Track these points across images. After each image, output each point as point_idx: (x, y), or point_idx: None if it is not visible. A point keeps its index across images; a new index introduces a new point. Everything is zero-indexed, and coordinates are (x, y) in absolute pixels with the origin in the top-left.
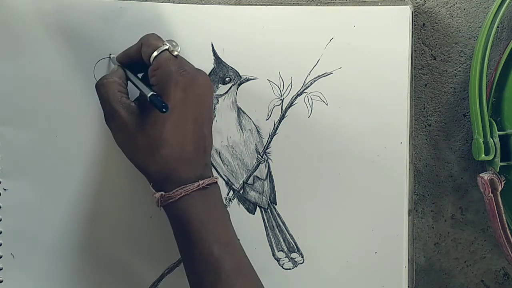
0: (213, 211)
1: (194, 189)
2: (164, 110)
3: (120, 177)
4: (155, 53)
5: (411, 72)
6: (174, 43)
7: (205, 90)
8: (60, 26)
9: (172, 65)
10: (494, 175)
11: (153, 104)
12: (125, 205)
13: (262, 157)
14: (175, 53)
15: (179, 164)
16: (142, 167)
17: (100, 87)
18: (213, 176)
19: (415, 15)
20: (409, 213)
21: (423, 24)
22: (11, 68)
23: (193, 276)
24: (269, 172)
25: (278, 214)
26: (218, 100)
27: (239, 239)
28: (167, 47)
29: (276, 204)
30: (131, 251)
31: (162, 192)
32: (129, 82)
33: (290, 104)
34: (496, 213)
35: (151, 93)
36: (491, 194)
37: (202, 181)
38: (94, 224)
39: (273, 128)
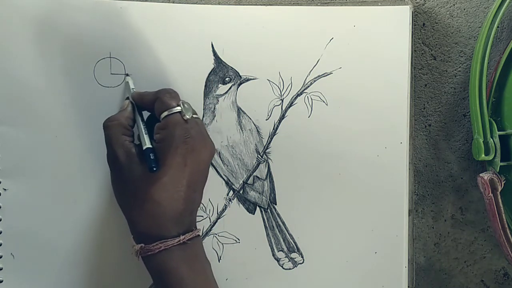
0: (193, 264)
1: (175, 244)
2: (153, 169)
3: None
4: (165, 113)
5: (411, 72)
6: (186, 106)
7: (206, 157)
8: (60, 26)
9: (179, 129)
10: (494, 175)
11: (145, 158)
12: None
13: (262, 157)
14: (186, 117)
15: (163, 222)
16: (128, 215)
17: (106, 129)
18: (196, 229)
19: (415, 15)
20: (409, 213)
21: (423, 24)
22: (12, 68)
23: None
24: (269, 172)
25: (278, 214)
26: (218, 100)
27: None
28: (179, 109)
29: (276, 204)
30: (131, 251)
31: (142, 245)
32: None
33: (290, 104)
34: (496, 213)
35: (147, 146)
36: (491, 194)
37: (183, 236)
38: (94, 224)
39: (273, 128)
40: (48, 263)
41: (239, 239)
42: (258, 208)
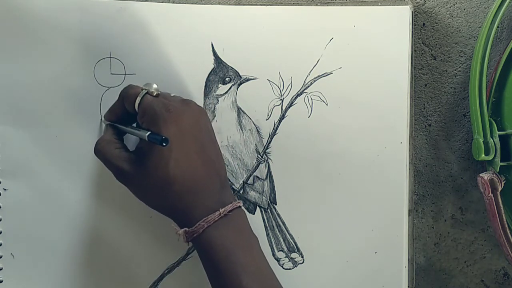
0: (240, 239)
1: (216, 218)
2: (164, 143)
3: None
4: (137, 101)
5: (411, 72)
6: (150, 84)
7: (196, 116)
8: (60, 26)
9: (156, 105)
10: (494, 175)
11: (153, 142)
12: (125, 205)
13: (262, 157)
14: (155, 93)
15: (193, 196)
16: (161, 209)
17: (97, 153)
18: (235, 200)
19: (415, 15)
20: (409, 213)
21: (423, 24)
22: (11, 68)
23: None
24: (269, 172)
25: (278, 214)
26: (218, 100)
27: (267, 262)
28: (145, 90)
29: (276, 204)
30: (131, 251)
31: (186, 228)
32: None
33: (290, 104)
34: (496, 213)
35: (148, 132)
36: (491, 194)
37: (223, 209)
38: (94, 224)
39: (273, 128)
40: (48, 263)
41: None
42: (258, 208)
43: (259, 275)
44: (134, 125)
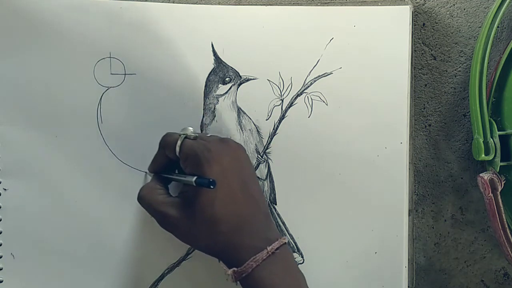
0: (288, 277)
1: (265, 257)
2: (212, 186)
3: (120, 176)
4: (178, 146)
5: (411, 72)
6: (187, 128)
7: (236, 153)
8: (60, 26)
9: (197, 147)
10: (494, 175)
11: (201, 185)
12: (125, 205)
13: (262, 157)
14: (193, 136)
15: (240, 234)
16: (209, 250)
17: (141, 200)
18: (281, 238)
19: (415, 15)
20: (409, 213)
21: (423, 24)
22: (11, 68)
23: None
24: (269, 172)
25: (278, 214)
26: (218, 100)
27: None
28: (184, 134)
29: (276, 204)
30: (131, 251)
31: (234, 268)
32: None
33: (290, 104)
34: (496, 213)
35: (195, 177)
36: (491, 194)
37: (271, 247)
38: (94, 224)
39: (273, 128)
40: (48, 263)
41: None
42: None
43: None
44: (177, 171)
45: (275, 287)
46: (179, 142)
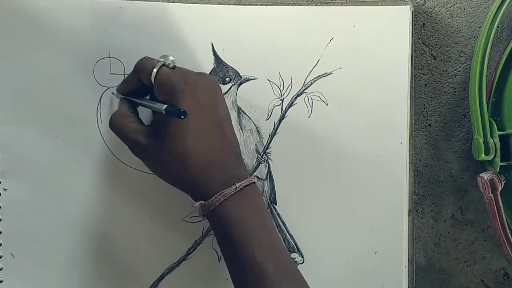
0: (255, 214)
1: (232, 192)
2: (183, 116)
3: (120, 177)
4: (154, 73)
5: (411, 72)
6: (166, 56)
7: (213, 90)
8: (60, 26)
9: (174, 77)
10: (494, 175)
11: (171, 115)
12: (125, 205)
13: (262, 157)
14: (172, 65)
15: (210, 170)
16: (177, 183)
17: (113, 127)
18: (249, 176)
19: (415, 15)
20: (409, 213)
21: (423, 24)
22: (11, 68)
23: (238, 281)
24: (269, 172)
25: (278, 214)
26: None
27: (281, 239)
28: (162, 61)
29: (276, 204)
30: (131, 251)
31: (202, 201)
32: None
33: (290, 104)
34: (496, 213)
35: (165, 105)
36: (491, 194)
37: (239, 183)
38: (94, 224)
39: (273, 128)
40: (48, 263)
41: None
42: None
43: (273, 251)
44: (148, 97)
45: (241, 221)
46: (155, 70)
